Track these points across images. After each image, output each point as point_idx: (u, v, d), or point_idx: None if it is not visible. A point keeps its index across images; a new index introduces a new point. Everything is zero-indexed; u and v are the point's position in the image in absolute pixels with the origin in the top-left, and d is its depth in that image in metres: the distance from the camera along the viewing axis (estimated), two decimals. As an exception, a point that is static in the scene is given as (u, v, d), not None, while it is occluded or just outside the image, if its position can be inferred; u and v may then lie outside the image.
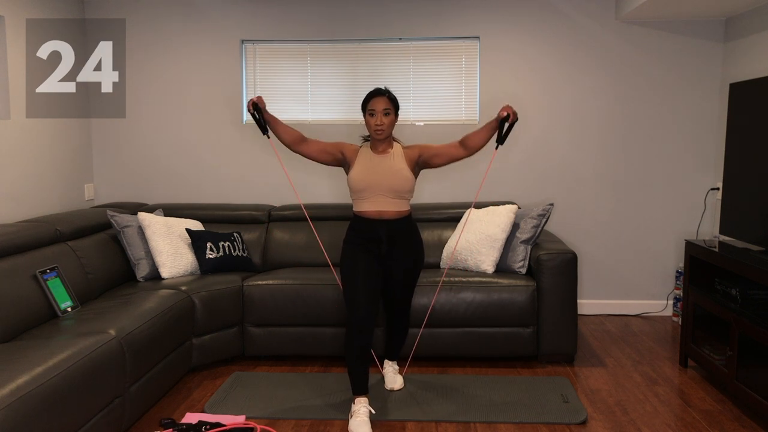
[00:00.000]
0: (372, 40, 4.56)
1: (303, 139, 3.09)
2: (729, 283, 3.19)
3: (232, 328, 3.67)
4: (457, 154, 3.04)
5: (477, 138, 3.01)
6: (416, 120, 4.59)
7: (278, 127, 3.09)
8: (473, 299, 3.56)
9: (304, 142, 3.09)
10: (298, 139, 3.08)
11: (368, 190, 2.98)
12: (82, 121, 4.56)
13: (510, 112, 2.94)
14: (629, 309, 4.66)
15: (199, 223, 4.17)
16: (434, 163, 3.06)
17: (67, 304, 3.17)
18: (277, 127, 3.09)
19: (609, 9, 4.43)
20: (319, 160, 3.11)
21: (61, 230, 3.53)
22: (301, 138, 3.09)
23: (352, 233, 3.07)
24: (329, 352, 3.68)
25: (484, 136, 3.01)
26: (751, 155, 3.30)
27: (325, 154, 3.08)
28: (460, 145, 3.04)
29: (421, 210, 4.29)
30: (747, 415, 2.99)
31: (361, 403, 2.88)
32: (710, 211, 4.49)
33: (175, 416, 2.99)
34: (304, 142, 3.09)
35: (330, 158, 3.09)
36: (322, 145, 3.09)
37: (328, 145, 3.09)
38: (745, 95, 3.39)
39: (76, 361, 2.38)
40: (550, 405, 3.07)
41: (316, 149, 3.08)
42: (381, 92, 3.00)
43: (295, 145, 3.08)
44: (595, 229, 4.62)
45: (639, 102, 4.50)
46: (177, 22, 4.59)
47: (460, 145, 3.04)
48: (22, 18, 3.83)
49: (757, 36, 3.96)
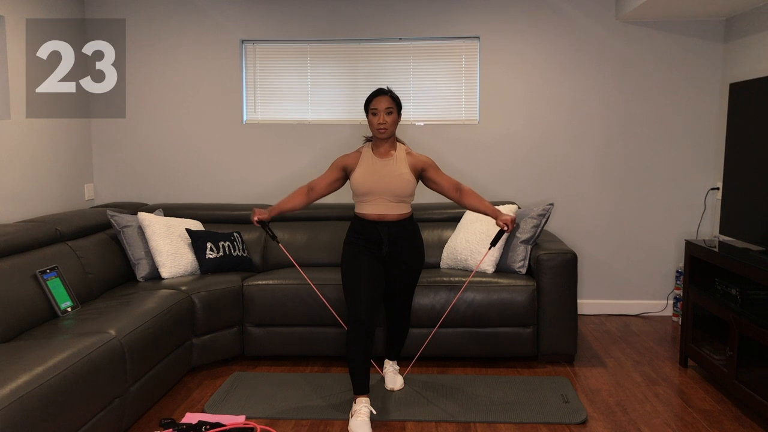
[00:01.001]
0: (372, 40, 4.56)
1: (309, 191, 3.14)
2: (729, 283, 3.19)
3: (232, 328, 3.67)
4: (449, 194, 3.12)
5: (473, 202, 3.10)
6: (416, 120, 4.59)
7: (286, 206, 3.15)
8: (473, 299, 3.56)
9: (312, 192, 3.14)
10: (305, 195, 3.14)
11: (370, 194, 3.00)
12: (82, 121, 4.56)
13: (510, 227, 3.04)
14: (629, 309, 4.66)
15: (199, 223, 4.17)
16: (428, 185, 3.13)
17: (67, 304, 3.17)
18: (284, 209, 3.15)
19: (609, 9, 4.43)
20: (333, 191, 3.16)
21: (61, 230, 3.53)
22: (307, 192, 3.14)
23: (353, 234, 3.08)
24: (329, 352, 3.68)
25: (480, 208, 3.10)
26: (751, 155, 3.30)
27: (334, 183, 3.13)
28: (457, 189, 3.10)
29: (421, 210, 4.29)
30: (747, 415, 2.99)
31: (362, 403, 2.88)
32: (710, 211, 4.49)
33: (175, 416, 2.99)
34: (312, 191, 3.14)
35: (339, 183, 3.14)
36: (326, 179, 3.12)
37: (330, 175, 3.12)
38: (745, 95, 3.39)
39: (76, 361, 2.38)
40: (550, 405, 3.07)
41: (324, 187, 3.13)
42: (383, 92, 3.02)
43: (308, 201, 3.15)
44: (595, 229, 4.62)
45: (639, 102, 4.50)
46: (177, 22, 4.59)
47: (457, 189, 3.10)
48: (22, 18, 3.83)
49: (757, 36, 3.96)
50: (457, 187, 3.10)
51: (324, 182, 3.12)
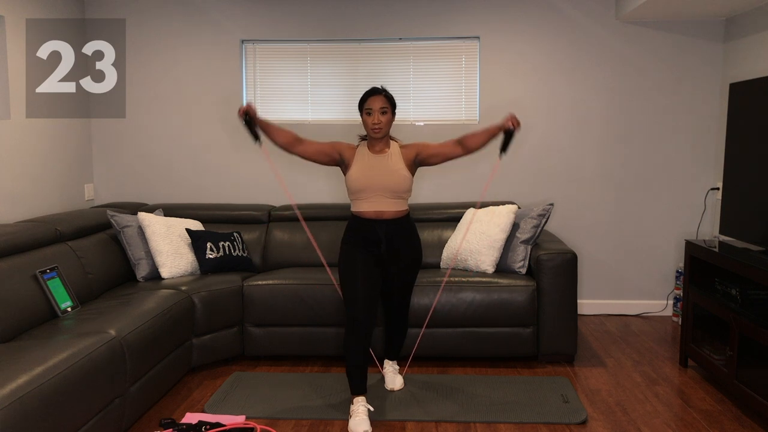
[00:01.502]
0: (372, 40, 4.56)
1: (298, 140, 3.07)
2: (729, 283, 3.19)
3: (232, 328, 3.67)
4: (454, 154, 3.04)
5: (476, 140, 3.01)
6: (416, 120, 4.59)
7: (272, 131, 3.05)
8: (473, 299, 3.56)
9: (300, 144, 3.06)
10: (293, 140, 3.06)
11: (366, 191, 2.98)
12: (82, 121, 4.56)
13: (514, 122, 2.94)
14: (629, 309, 4.66)
15: (199, 223, 4.17)
16: (431, 162, 3.06)
17: (67, 304, 3.17)
18: (270, 131, 3.05)
19: (609, 9, 4.43)
20: (316, 161, 3.09)
21: (61, 230, 3.53)
22: (296, 139, 3.06)
23: (350, 233, 3.07)
24: (329, 352, 3.68)
25: (483, 139, 3.00)
26: (751, 155, 3.30)
27: (322, 155, 3.07)
28: (457, 144, 3.03)
29: (421, 210, 4.29)
30: (747, 415, 2.99)
31: (359, 403, 2.88)
32: (710, 211, 4.49)
33: (175, 416, 2.99)
34: (300, 143, 3.06)
35: (327, 159, 3.07)
36: (318, 146, 3.07)
37: (325, 146, 3.08)
38: (745, 95, 3.39)
39: (76, 361, 2.38)
40: (550, 405, 3.07)
41: (313, 150, 3.06)
42: (378, 91, 3.00)
43: (291, 147, 3.05)
44: (595, 229, 4.62)
45: (639, 102, 4.50)
46: (177, 22, 4.59)
47: (457, 144, 3.03)
48: (22, 18, 3.83)
49: (757, 36, 3.96)
50: (456, 143, 3.03)
51: (314, 147, 3.06)
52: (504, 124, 2.95)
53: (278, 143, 3.07)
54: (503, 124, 2.95)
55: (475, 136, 3.02)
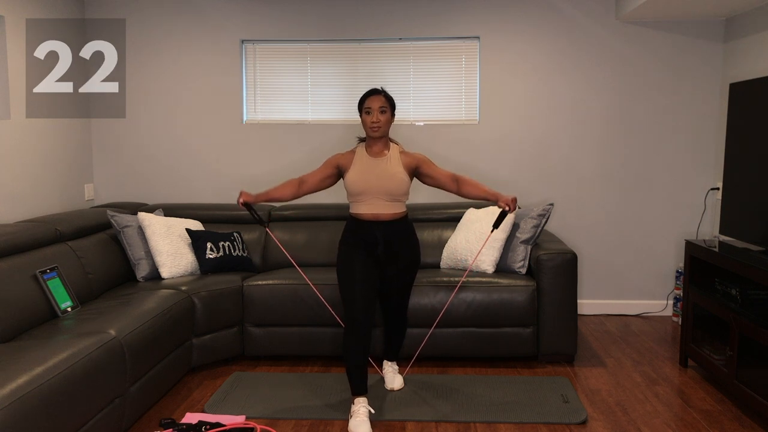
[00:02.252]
0: (372, 40, 4.56)
1: (301, 184, 3.13)
2: (729, 283, 3.19)
3: (232, 328, 3.67)
4: (447, 187, 3.09)
5: (471, 190, 3.06)
6: (416, 120, 4.59)
7: (274, 195, 3.14)
8: (473, 299, 3.56)
9: (303, 185, 3.13)
10: (296, 188, 3.13)
11: (364, 193, 2.99)
12: (82, 121, 4.56)
13: (512, 207, 2.98)
14: (629, 309, 4.66)
15: (199, 223, 4.17)
16: (424, 181, 3.12)
17: (67, 304, 3.17)
18: (273, 196, 3.14)
19: (609, 9, 4.43)
20: (325, 188, 3.16)
21: (61, 230, 3.53)
22: (298, 185, 3.13)
23: (348, 234, 3.08)
24: (329, 352, 3.68)
25: (479, 194, 3.05)
26: (751, 155, 3.30)
27: (325, 180, 3.13)
28: (454, 180, 3.08)
29: (420, 210, 4.29)
30: (747, 415, 2.99)
31: (360, 403, 2.88)
32: (710, 211, 4.49)
33: (175, 416, 2.99)
34: (303, 184, 3.13)
35: (330, 180, 3.14)
36: (317, 175, 3.13)
37: (323, 171, 3.13)
38: (745, 95, 3.39)
39: (76, 361, 2.38)
40: (550, 405, 3.07)
41: (315, 182, 3.12)
42: (377, 91, 3.03)
43: (298, 194, 3.14)
44: (595, 229, 4.62)
45: (639, 102, 4.50)
46: (177, 22, 4.59)
47: (454, 180, 3.08)
48: (21, 18, 3.83)
49: (757, 36, 3.96)
50: (454, 178, 3.08)
51: (316, 178, 3.12)
52: (502, 204, 2.99)
53: (285, 199, 3.16)
54: (502, 202, 2.99)
55: (472, 186, 3.06)
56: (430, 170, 3.08)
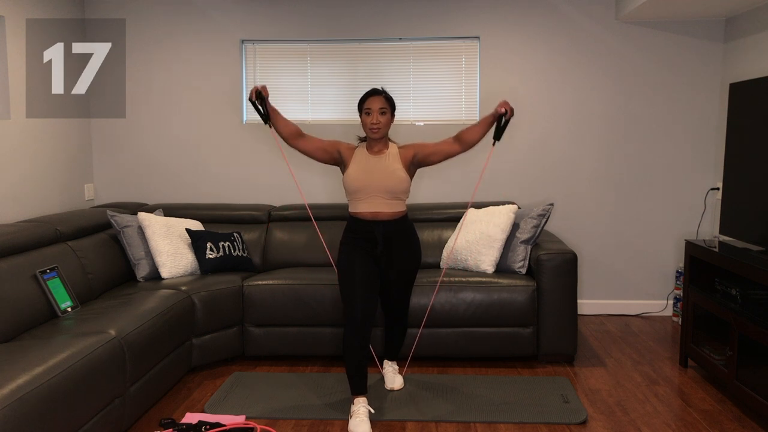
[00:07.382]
0: (372, 40, 4.56)
1: (301, 135, 3.09)
2: (729, 283, 3.19)
3: (232, 328, 3.67)
4: (453, 151, 3.03)
5: (473, 133, 3.00)
6: (416, 120, 4.59)
7: (278, 120, 3.07)
8: (473, 299, 3.56)
9: (302, 138, 3.09)
10: (296, 133, 3.08)
11: (363, 191, 2.98)
12: (82, 121, 4.56)
13: (507, 108, 2.93)
14: (629, 309, 4.66)
15: (199, 223, 4.17)
16: (431, 160, 3.06)
17: (67, 304, 3.17)
18: (277, 120, 3.07)
19: (609, 9, 4.43)
20: (316, 157, 3.10)
21: (61, 230, 3.53)
22: (299, 133, 3.09)
23: (348, 234, 3.08)
24: (329, 352, 3.68)
25: (480, 131, 3.00)
26: (751, 155, 3.30)
27: (322, 152, 3.08)
28: (455, 141, 3.03)
29: (420, 210, 4.29)
30: (747, 415, 2.99)
31: (360, 403, 2.88)
32: (710, 211, 4.49)
33: (175, 416, 2.99)
34: (302, 137, 3.09)
35: (327, 156, 3.09)
36: (319, 142, 3.09)
37: (325, 143, 3.09)
38: (745, 95, 3.39)
39: (76, 361, 2.38)
40: (550, 405, 3.07)
41: (314, 146, 3.08)
42: (377, 92, 3.01)
43: (293, 140, 3.08)
44: (595, 229, 4.62)
45: (639, 102, 4.50)
46: (177, 22, 4.59)
47: (455, 141, 3.03)
48: (22, 18, 3.83)
49: (757, 36, 3.96)
50: (454, 140, 3.03)
51: (315, 143, 3.08)
52: (496, 111, 2.94)
53: (282, 133, 3.09)
54: (496, 111, 2.95)
55: (471, 129, 3.01)
56: (429, 148, 3.04)
